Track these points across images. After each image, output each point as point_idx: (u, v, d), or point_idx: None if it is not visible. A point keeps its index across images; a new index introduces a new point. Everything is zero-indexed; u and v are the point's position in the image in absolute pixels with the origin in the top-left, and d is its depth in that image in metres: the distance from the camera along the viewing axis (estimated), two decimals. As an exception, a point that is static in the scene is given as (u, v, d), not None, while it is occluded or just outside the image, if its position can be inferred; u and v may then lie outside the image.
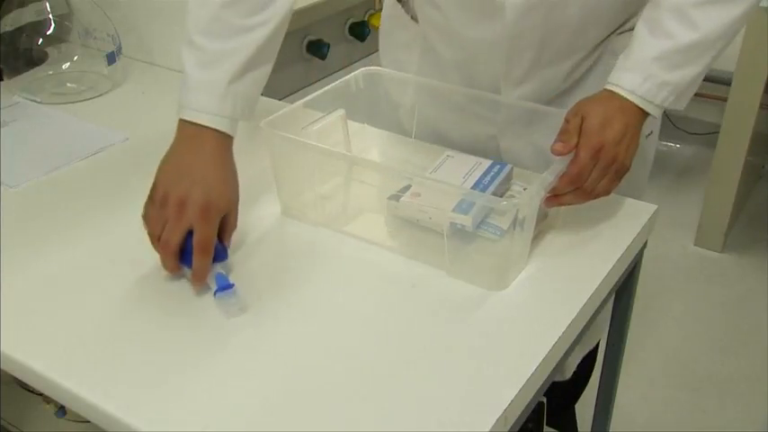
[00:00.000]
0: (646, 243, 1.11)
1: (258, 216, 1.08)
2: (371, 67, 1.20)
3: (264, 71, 1.03)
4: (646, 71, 0.97)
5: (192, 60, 0.99)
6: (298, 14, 1.74)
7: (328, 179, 1.09)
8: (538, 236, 1.03)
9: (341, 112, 1.13)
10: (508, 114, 1.18)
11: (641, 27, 1.00)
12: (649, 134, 1.25)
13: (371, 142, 1.24)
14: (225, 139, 0.98)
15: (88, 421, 0.83)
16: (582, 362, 1.52)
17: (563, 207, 1.02)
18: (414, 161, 1.21)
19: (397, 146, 1.25)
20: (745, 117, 2.28)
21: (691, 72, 0.98)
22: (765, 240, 2.58)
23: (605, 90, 1.00)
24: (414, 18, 1.23)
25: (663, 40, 0.97)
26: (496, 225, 0.96)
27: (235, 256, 0.99)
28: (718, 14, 0.96)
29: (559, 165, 0.97)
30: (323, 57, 1.85)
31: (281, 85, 1.74)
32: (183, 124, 0.99)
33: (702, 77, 1.01)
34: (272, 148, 1.07)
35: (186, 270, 0.95)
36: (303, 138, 1.04)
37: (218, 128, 0.97)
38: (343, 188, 1.09)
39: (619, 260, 1.01)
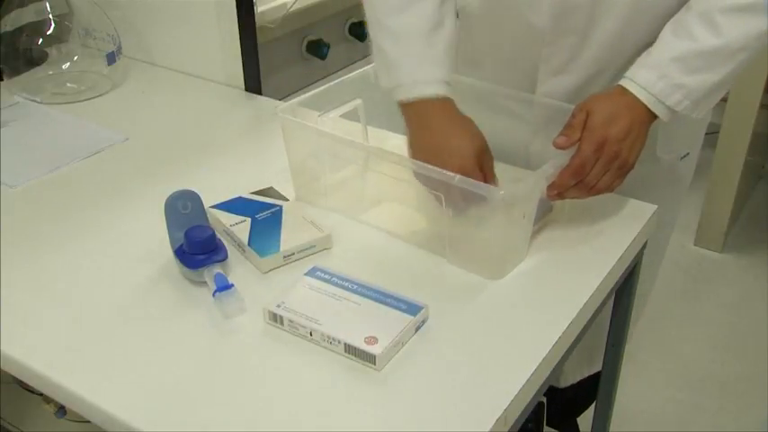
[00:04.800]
0: (646, 243, 1.11)
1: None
2: None
3: (453, 23, 1.05)
4: (662, 70, 0.97)
5: (388, 41, 1.02)
6: (297, 14, 1.75)
7: (342, 167, 1.10)
8: (540, 229, 1.04)
9: (358, 101, 1.13)
10: (542, 113, 1.13)
11: (667, 27, 0.99)
12: (685, 155, 1.22)
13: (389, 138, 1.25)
14: (446, 102, 1.00)
15: (88, 421, 0.83)
16: (589, 380, 1.52)
17: (568, 202, 1.02)
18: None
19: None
20: (745, 117, 2.28)
21: (709, 79, 0.97)
22: (765, 240, 2.58)
23: (618, 86, 1.00)
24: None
25: (684, 41, 0.97)
26: None
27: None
28: (744, 24, 0.95)
29: (561, 158, 0.97)
30: (323, 57, 1.85)
31: (281, 86, 1.74)
32: (406, 107, 1.01)
33: (724, 89, 1.00)
34: (286, 135, 1.09)
35: (186, 270, 0.95)
36: (318, 125, 1.06)
37: (435, 93, 1.00)
38: (358, 176, 1.10)
39: (619, 260, 1.01)
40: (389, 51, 1.02)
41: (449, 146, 0.98)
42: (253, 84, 1.46)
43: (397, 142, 1.23)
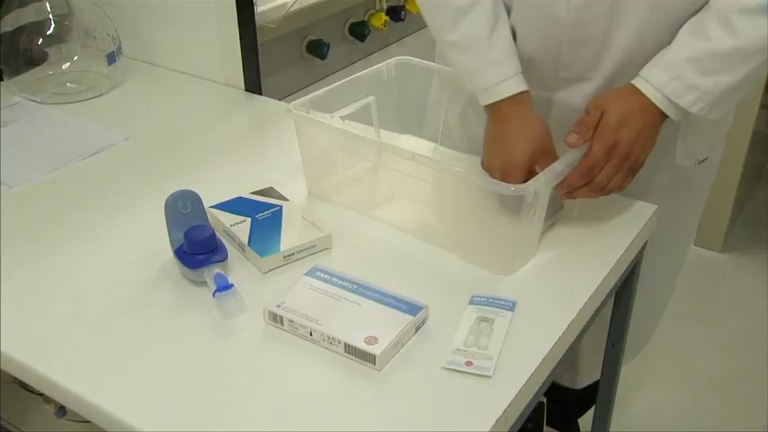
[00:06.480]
0: (646, 243, 1.11)
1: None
2: (404, 57, 1.21)
3: (506, 19, 1.08)
4: (676, 71, 0.96)
5: (455, 53, 1.07)
6: (298, 14, 1.75)
7: (355, 164, 1.11)
8: (551, 226, 1.05)
9: (370, 98, 1.14)
10: (558, 122, 1.08)
11: (685, 27, 0.98)
12: (703, 160, 1.20)
13: (399, 137, 1.26)
14: (520, 99, 1.04)
15: (88, 421, 0.83)
16: (596, 383, 1.51)
17: (578, 200, 1.02)
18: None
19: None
20: (745, 117, 2.28)
21: (724, 81, 0.96)
22: (765, 240, 2.58)
23: (631, 84, 0.99)
24: None
25: (700, 42, 0.96)
26: None
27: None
28: (763, 26, 0.93)
29: (572, 156, 0.97)
30: (323, 57, 1.85)
31: (281, 86, 1.74)
32: (488, 106, 1.06)
33: (742, 90, 0.99)
34: (300, 131, 1.10)
35: (186, 270, 0.95)
36: (330, 122, 1.08)
37: (508, 93, 1.03)
38: (371, 173, 1.11)
39: (619, 260, 1.01)
40: (459, 62, 1.07)
41: (505, 143, 1.03)
42: (253, 84, 1.46)
43: (409, 140, 1.24)
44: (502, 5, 1.08)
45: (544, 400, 1.47)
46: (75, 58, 1.50)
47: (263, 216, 1.04)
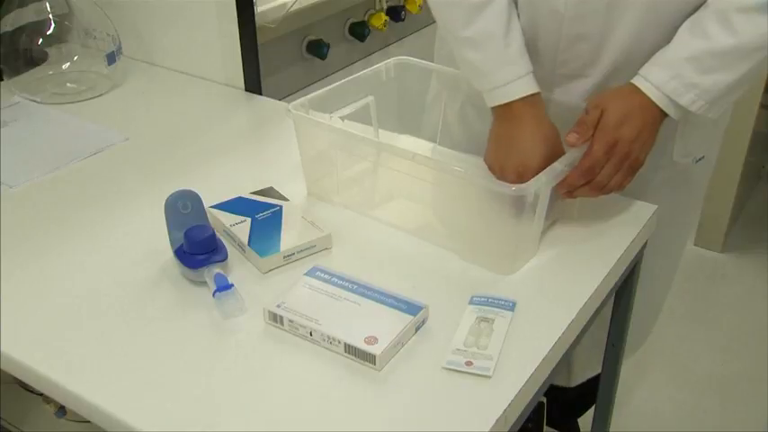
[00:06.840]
0: (646, 243, 1.11)
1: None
2: (403, 57, 1.21)
3: (517, 17, 1.07)
4: (675, 69, 0.96)
5: (468, 50, 1.04)
6: (298, 14, 1.75)
7: (354, 164, 1.11)
8: (551, 225, 1.05)
9: (369, 98, 1.14)
10: (556, 120, 1.08)
11: (685, 24, 0.99)
12: (700, 159, 1.20)
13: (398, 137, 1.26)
14: (533, 101, 1.03)
15: (88, 421, 0.83)
16: (593, 380, 1.51)
17: (579, 198, 1.02)
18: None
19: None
20: (745, 117, 2.28)
21: (723, 79, 0.96)
22: (765, 240, 2.58)
23: (630, 83, 0.99)
24: None
25: (699, 40, 0.96)
26: None
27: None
28: (761, 24, 0.93)
29: (572, 155, 0.97)
30: (323, 57, 1.85)
31: (281, 86, 1.74)
32: (497, 106, 1.04)
33: (741, 89, 0.99)
34: (299, 131, 1.11)
35: (186, 270, 0.95)
36: (330, 122, 1.08)
37: (521, 94, 1.02)
38: (370, 173, 1.11)
39: (619, 260, 1.01)
40: (471, 59, 1.04)
41: (517, 145, 1.02)
42: (253, 84, 1.46)
43: (408, 140, 1.24)
44: (513, 3, 1.06)
45: (544, 400, 1.47)
46: (75, 58, 1.50)
47: (263, 216, 1.04)
